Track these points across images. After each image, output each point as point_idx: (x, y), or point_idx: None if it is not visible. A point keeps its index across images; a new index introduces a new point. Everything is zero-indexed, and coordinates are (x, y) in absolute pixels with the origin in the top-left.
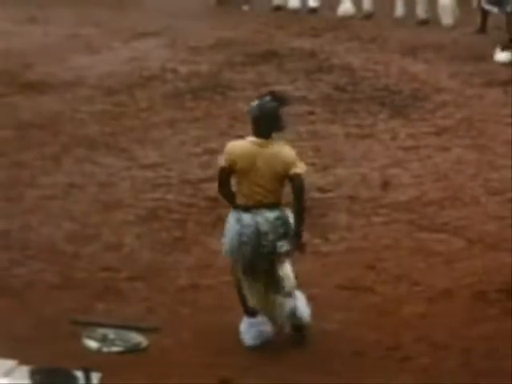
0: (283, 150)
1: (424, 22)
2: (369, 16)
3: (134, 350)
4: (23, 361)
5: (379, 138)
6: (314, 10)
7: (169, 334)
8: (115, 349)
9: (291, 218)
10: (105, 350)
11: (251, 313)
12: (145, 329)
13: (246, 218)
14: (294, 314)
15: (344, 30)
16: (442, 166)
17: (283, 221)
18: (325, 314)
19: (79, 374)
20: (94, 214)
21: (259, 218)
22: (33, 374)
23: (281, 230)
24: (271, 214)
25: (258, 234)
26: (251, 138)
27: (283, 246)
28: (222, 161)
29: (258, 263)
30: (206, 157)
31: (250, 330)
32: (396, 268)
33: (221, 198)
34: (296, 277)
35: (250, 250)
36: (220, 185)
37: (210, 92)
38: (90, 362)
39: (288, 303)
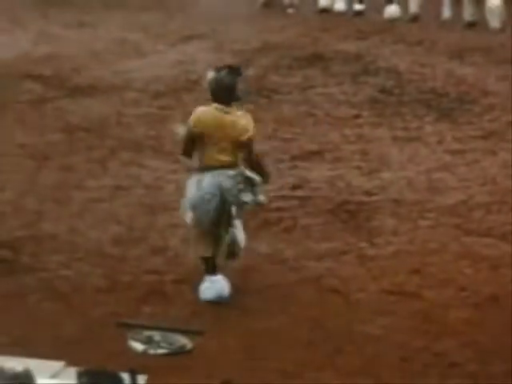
0: (241, 117)
1: (471, 25)
2: (415, 18)
3: (178, 352)
4: (70, 362)
5: (426, 142)
6: (359, 13)
7: (213, 337)
8: (160, 351)
9: (249, 173)
10: (150, 352)
11: (212, 271)
12: (190, 331)
13: (208, 178)
14: (234, 241)
15: (390, 33)
16: (489, 169)
17: (243, 177)
18: (370, 319)
19: (125, 376)
20: (140, 217)
21: (221, 177)
22: (80, 376)
23: (241, 185)
24: (232, 171)
25: (221, 190)
26: (215, 105)
27: (247, 196)
28: (190, 124)
29: (223, 216)
30: None
31: (209, 287)
32: (442, 273)
33: (183, 163)
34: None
35: (216, 206)
36: (185, 147)
37: (255, 95)
38: (136, 364)
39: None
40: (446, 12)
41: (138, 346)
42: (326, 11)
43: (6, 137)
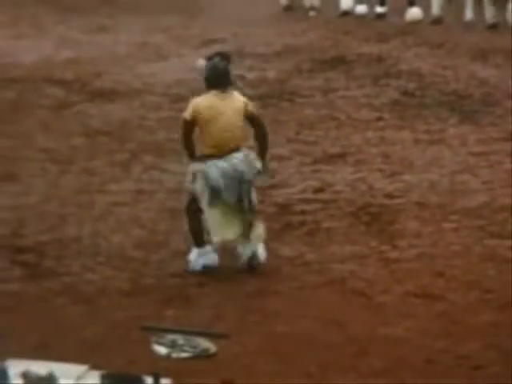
0: (237, 95)
1: (493, 27)
2: (437, 21)
3: (202, 355)
4: (94, 366)
5: (448, 144)
6: (381, 16)
7: (237, 341)
8: (184, 355)
9: (253, 155)
10: (174, 355)
11: (200, 244)
12: (213, 335)
13: (222, 163)
14: (254, 255)
15: (412, 35)
16: None
17: (251, 158)
18: (394, 321)
19: (149, 380)
20: (163, 221)
21: (233, 161)
22: (103, 379)
23: (254, 165)
24: (239, 155)
25: (237, 173)
26: (213, 92)
27: (262, 178)
28: (186, 114)
29: (242, 197)
30: (274, 163)
31: (198, 259)
32: (466, 275)
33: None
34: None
35: (236, 187)
36: (184, 136)
37: (277, 98)
38: (160, 368)
39: (251, 246)
40: (469, 14)
41: (162, 350)
42: (347, 14)
43: (28, 141)
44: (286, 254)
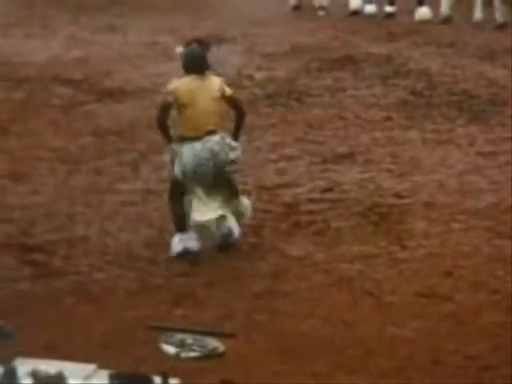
0: (215, 78)
1: (503, 27)
2: (446, 20)
3: (210, 355)
4: (102, 365)
5: (457, 144)
6: (390, 15)
7: (245, 340)
8: (192, 354)
9: (228, 139)
10: (182, 355)
11: (182, 229)
12: (221, 334)
13: (198, 145)
14: (229, 233)
15: (421, 35)
16: None
17: (226, 141)
18: (402, 322)
19: (157, 379)
20: (171, 221)
21: (209, 143)
22: (112, 378)
23: (227, 149)
24: (216, 137)
25: (212, 155)
26: (189, 76)
27: (232, 154)
28: (167, 96)
29: (217, 178)
30: (282, 163)
31: (179, 243)
32: (474, 275)
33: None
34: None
35: (211, 169)
36: (160, 117)
37: (285, 98)
38: (168, 367)
39: (229, 222)
40: (478, 14)
41: (170, 349)
42: (356, 13)
43: (37, 141)
44: (294, 254)
